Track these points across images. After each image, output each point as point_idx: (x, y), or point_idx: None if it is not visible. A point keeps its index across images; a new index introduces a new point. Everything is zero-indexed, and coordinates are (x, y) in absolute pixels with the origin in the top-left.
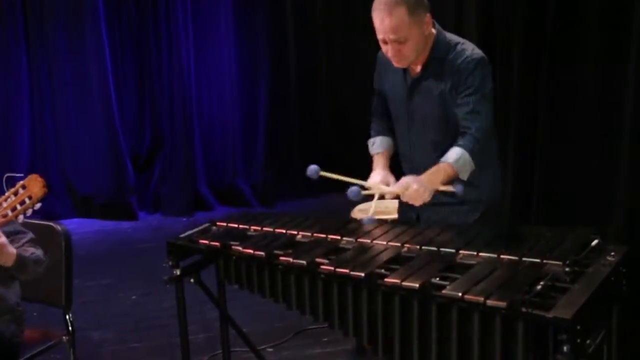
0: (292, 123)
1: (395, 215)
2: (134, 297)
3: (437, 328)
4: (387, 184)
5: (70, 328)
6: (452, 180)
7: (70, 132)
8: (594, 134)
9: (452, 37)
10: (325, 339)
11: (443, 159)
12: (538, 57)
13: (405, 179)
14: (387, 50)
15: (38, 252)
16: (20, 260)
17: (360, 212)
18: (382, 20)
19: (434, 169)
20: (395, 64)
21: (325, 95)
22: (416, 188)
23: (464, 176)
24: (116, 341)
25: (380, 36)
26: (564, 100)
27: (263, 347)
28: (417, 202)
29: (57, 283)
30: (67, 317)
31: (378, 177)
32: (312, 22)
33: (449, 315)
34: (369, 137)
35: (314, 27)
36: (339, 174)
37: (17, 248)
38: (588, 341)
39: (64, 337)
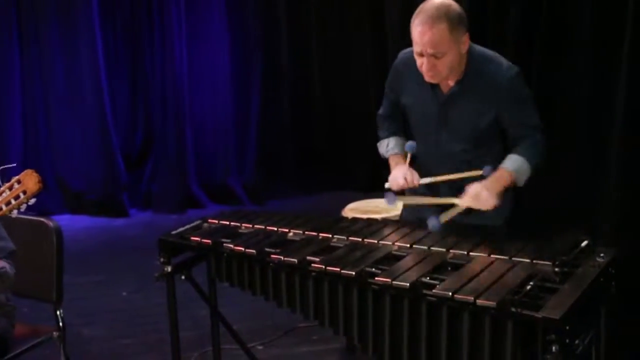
0: (284, 122)
1: (386, 214)
2: (124, 293)
3: (427, 327)
4: (412, 176)
5: (60, 324)
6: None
7: (63, 128)
8: (584, 134)
9: (483, 50)
10: (316, 337)
11: (502, 165)
12: (529, 57)
13: (473, 188)
14: (421, 63)
15: (8, 268)
16: None
17: (351, 210)
18: (422, 33)
19: (497, 175)
20: (428, 79)
21: (318, 94)
22: (487, 195)
23: (521, 184)
24: (106, 337)
25: (417, 49)
26: (553, 100)
27: (253, 344)
28: (488, 207)
29: (48, 278)
30: (58, 312)
31: (401, 171)
32: (305, 21)
33: (439, 314)
34: (367, 138)
35: (308, 26)
36: (330, 173)
37: None
38: (577, 341)
39: (54, 333)
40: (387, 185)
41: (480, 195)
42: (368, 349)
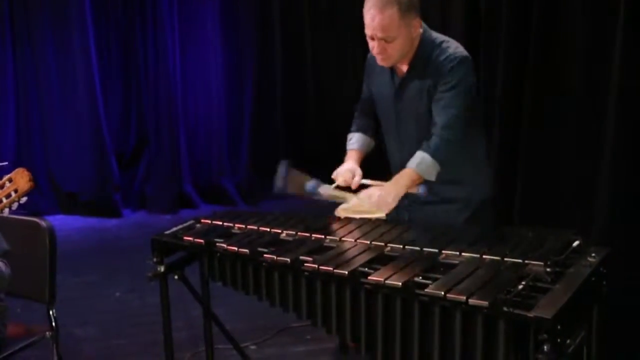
0: (277, 123)
1: (378, 215)
2: (117, 293)
3: (419, 326)
4: (353, 175)
5: (53, 324)
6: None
7: (56, 128)
8: (577, 134)
9: (437, 35)
10: (309, 337)
11: (408, 164)
12: (523, 56)
13: (368, 190)
14: (373, 46)
15: (3, 267)
16: None
17: (344, 211)
18: (372, 17)
19: (397, 175)
20: (379, 62)
21: (311, 95)
22: (378, 195)
23: (431, 177)
24: (99, 338)
25: (368, 32)
26: (548, 100)
27: (246, 344)
28: (384, 209)
29: (41, 279)
30: (51, 312)
31: (344, 168)
32: (298, 23)
33: (431, 313)
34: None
35: (300, 27)
36: (323, 173)
37: None
38: (568, 341)
39: (47, 333)
40: (332, 175)
41: (372, 196)
42: (361, 348)
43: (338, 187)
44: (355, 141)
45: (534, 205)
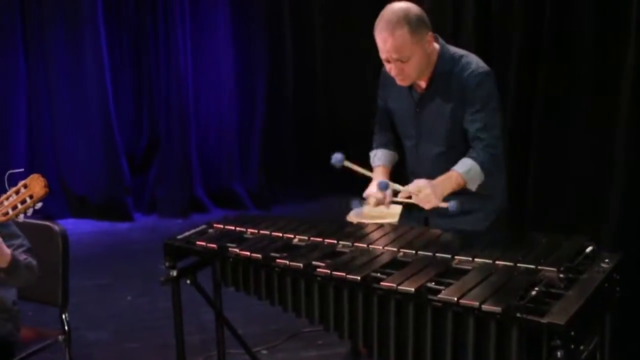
0: (288, 127)
1: (391, 220)
2: (129, 297)
3: (432, 332)
4: (384, 201)
5: (66, 327)
6: (455, 194)
7: (67, 132)
8: (589, 138)
9: (455, 50)
10: (320, 342)
11: (454, 167)
12: (535, 59)
13: (420, 181)
14: (390, 69)
15: (32, 260)
16: (14, 263)
17: (356, 216)
18: (384, 40)
19: (445, 176)
20: (399, 83)
21: (322, 100)
22: (429, 192)
23: (473, 187)
24: (111, 341)
25: (383, 56)
26: (559, 103)
27: (258, 349)
28: (427, 206)
29: (54, 282)
30: (64, 316)
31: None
32: (309, 26)
33: (444, 319)
34: (370, 144)
35: (312, 30)
36: (334, 178)
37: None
38: (581, 347)
39: (59, 337)
40: (364, 194)
41: (421, 190)
42: (373, 353)
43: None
44: (379, 157)
45: (545, 210)
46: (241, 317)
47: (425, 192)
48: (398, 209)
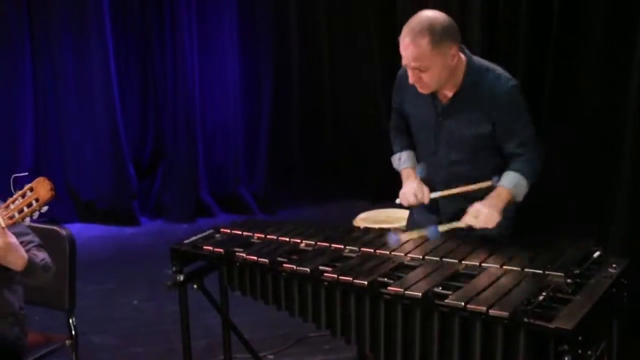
0: (294, 131)
1: (398, 224)
2: (135, 302)
3: (439, 337)
4: (422, 192)
5: (73, 332)
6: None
7: (74, 136)
8: (596, 144)
9: (481, 61)
10: (327, 347)
11: (501, 183)
12: (542, 60)
13: (474, 207)
14: (410, 75)
15: (47, 258)
16: (31, 265)
17: (362, 220)
18: (405, 47)
19: (494, 194)
20: (420, 90)
21: (328, 104)
22: (487, 213)
23: (519, 198)
24: (117, 346)
25: (403, 61)
26: (566, 106)
27: (264, 354)
28: (491, 225)
29: (61, 286)
30: (70, 320)
31: (411, 187)
32: (315, 30)
33: (451, 324)
34: (376, 148)
35: (318, 34)
36: (340, 182)
37: (27, 252)
38: (589, 352)
39: (66, 341)
40: (397, 200)
41: (480, 213)
42: (380, 358)
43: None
44: (405, 159)
45: (552, 215)
46: (247, 322)
47: (484, 213)
48: (404, 213)
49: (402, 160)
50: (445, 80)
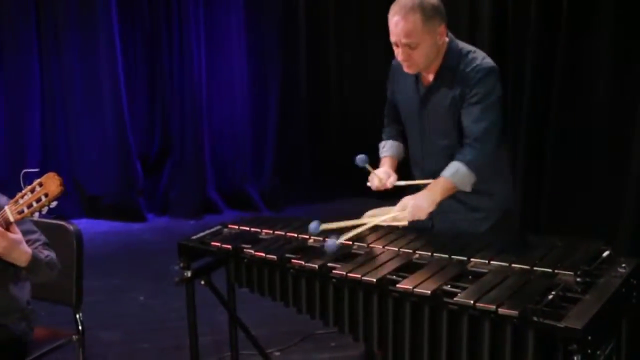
0: (301, 128)
1: (405, 223)
2: (141, 298)
3: (447, 335)
4: (388, 177)
5: (80, 327)
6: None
7: (81, 132)
8: (604, 144)
9: (463, 45)
10: (333, 344)
11: (442, 173)
12: (551, 60)
13: (403, 200)
14: (398, 53)
15: (52, 255)
16: (35, 261)
17: (370, 217)
18: (396, 23)
19: (433, 182)
20: (405, 69)
21: (335, 102)
22: (413, 204)
23: (466, 188)
24: (124, 342)
25: (393, 38)
26: (576, 107)
27: (270, 350)
28: (422, 217)
29: (68, 282)
30: (77, 316)
31: (381, 170)
32: (323, 29)
33: (460, 322)
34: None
35: (326, 34)
36: (347, 179)
37: (32, 249)
38: (598, 352)
39: (73, 337)
40: (368, 183)
41: (407, 205)
42: (388, 356)
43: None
44: (387, 148)
45: (560, 214)
46: (254, 318)
47: (410, 205)
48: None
49: (384, 149)
50: (433, 59)
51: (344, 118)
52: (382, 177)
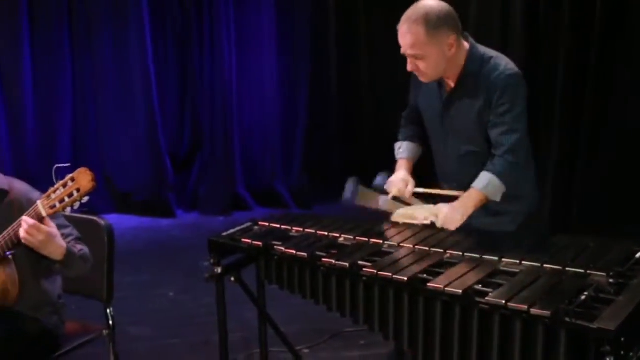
0: (331, 126)
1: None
2: (171, 293)
3: (478, 335)
4: (406, 185)
5: (110, 322)
6: None
7: (112, 129)
8: (637, 143)
9: (485, 50)
10: (363, 342)
11: (473, 185)
12: (585, 57)
13: (437, 206)
14: (408, 63)
15: (85, 249)
16: (69, 255)
17: (401, 216)
18: (402, 36)
19: (465, 195)
20: (420, 79)
21: (366, 100)
22: (446, 213)
23: (497, 199)
24: (153, 337)
25: (401, 50)
26: (608, 107)
27: (299, 348)
28: (452, 227)
29: (99, 277)
30: (108, 311)
31: (398, 178)
32: (354, 27)
33: (491, 322)
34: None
35: (356, 32)
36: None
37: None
38: (631, 354)
39: (104, 331)
40: (385, 186)
41: (441, 212)
42: (418, 355)
43: (395, 199)
44: (404, 150)
45: (591, 214)
46: (283, 316)
47: (443, 212)
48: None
49: (401, 150)
50: (444, 69)
51: (374, 116)
52: (400, 187)
